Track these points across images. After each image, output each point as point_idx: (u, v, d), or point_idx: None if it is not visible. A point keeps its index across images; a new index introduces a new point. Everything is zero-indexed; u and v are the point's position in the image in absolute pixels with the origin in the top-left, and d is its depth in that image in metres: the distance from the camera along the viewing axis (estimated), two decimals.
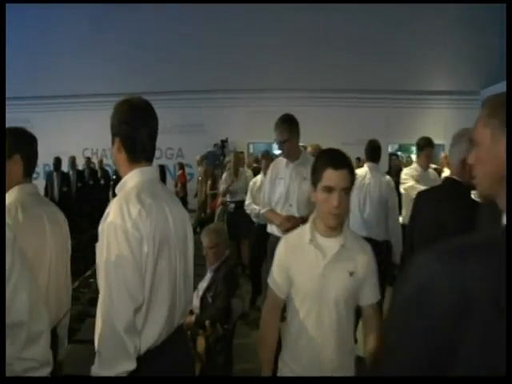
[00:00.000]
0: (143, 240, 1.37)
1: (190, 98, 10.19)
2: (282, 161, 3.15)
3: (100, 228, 1.40)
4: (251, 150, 10.85)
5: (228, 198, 5.82)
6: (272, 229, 3.17)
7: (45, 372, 1.28)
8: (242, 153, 7.68)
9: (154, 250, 1.40)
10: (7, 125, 1.46)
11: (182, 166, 9.90)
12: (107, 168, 9.94)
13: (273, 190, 3.12)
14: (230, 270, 3.06)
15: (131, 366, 1.33)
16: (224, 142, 10.03)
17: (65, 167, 8.98)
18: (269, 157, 5.20)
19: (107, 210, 1.40)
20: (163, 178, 10.09)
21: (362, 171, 3.98)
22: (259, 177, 4.91)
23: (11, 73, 10.96)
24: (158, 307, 1.45)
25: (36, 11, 10.65)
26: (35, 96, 10.86)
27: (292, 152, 3.05)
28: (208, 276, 3.11)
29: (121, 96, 1.48)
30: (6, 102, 10.97)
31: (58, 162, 8.54)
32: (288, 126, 2.99)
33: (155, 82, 10.28)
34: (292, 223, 2.83)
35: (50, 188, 8.40)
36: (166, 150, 10.82)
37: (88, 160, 9.75)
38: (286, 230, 2.72)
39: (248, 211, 4.13)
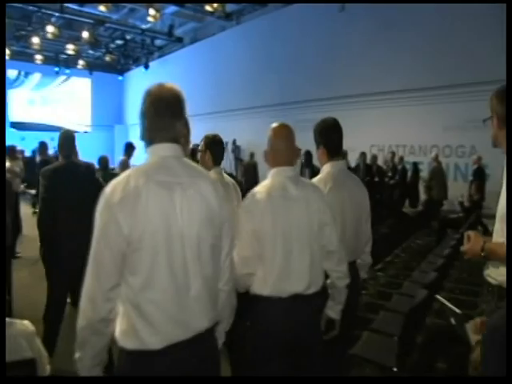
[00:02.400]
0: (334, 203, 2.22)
1: (485, 89, 9.02)
2: None
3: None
4: None
5: None
6: None
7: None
8: None
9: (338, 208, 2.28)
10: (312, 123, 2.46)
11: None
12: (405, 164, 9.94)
13: None
14: None
15: None
16: None
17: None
18: None
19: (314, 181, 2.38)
20: (416, 175, 9.62)
21: None
22: None
23: (310, 79, 12.39)
24: None
25: (333, 16, 11.63)
26: (326, 98, 11.86)
27: None
28: None
29: (409, 92, 1.41)
30: (304, 105, 12.40)
31: (308, 156, 8.21)
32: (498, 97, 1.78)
33: (444, 75, 9.68)
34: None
35: None
36: (456, 147, 9.92)
37: (374, 157, 10.08)
38: None
39: None
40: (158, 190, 1.42)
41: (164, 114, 1.50)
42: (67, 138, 3.36)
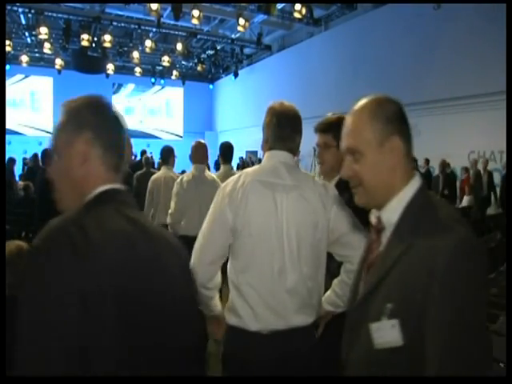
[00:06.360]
0: None
1: None
2: None
3: None
4: None
5: None
6: None
7: None
8: None
9: None
10: None
11: None
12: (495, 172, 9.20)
13: None
14: None
15: None
16: None
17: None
18: None
19: None
20: None
21: None
22: None
23: (401, 83, 11.79)
24: None
25: (425, 17, 10.97)
26: (422, 101, 11.17)
27: None
28: None
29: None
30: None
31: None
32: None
33: None
34: None
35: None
36: None
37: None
38: None
39: None
40: (260, 188, 1.65)
41: (285, 127, 1.72)
42: None
